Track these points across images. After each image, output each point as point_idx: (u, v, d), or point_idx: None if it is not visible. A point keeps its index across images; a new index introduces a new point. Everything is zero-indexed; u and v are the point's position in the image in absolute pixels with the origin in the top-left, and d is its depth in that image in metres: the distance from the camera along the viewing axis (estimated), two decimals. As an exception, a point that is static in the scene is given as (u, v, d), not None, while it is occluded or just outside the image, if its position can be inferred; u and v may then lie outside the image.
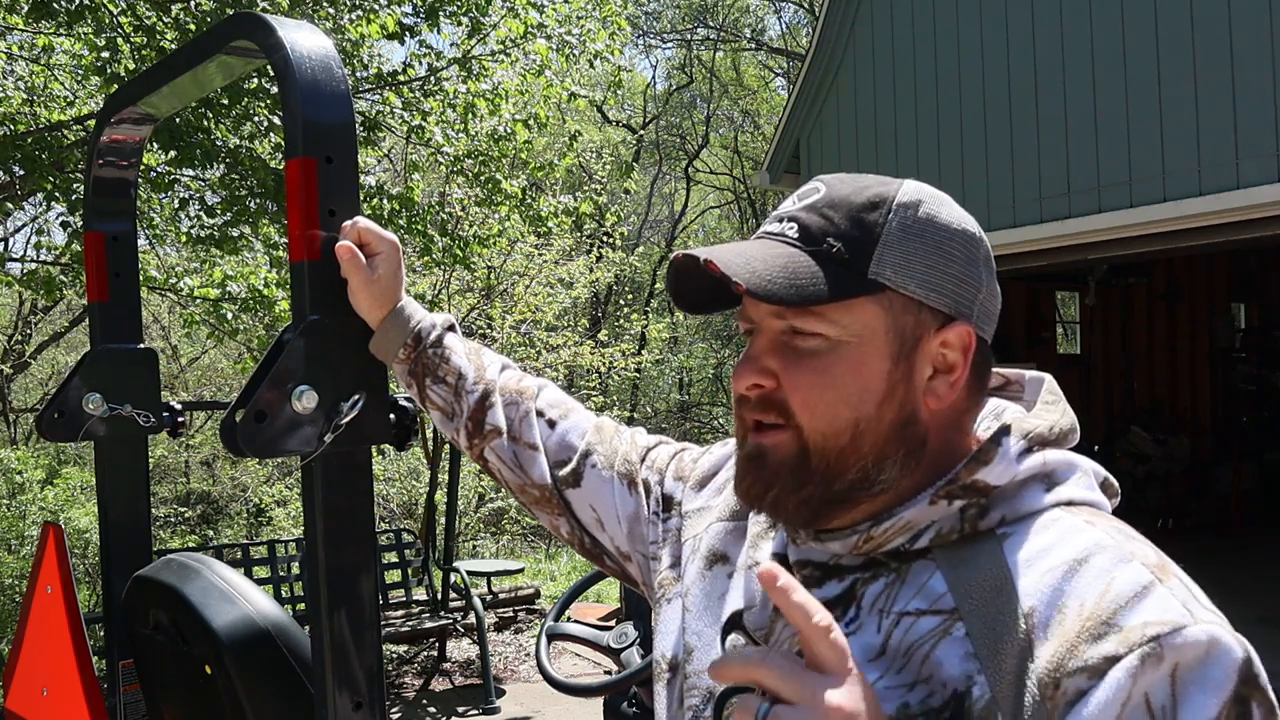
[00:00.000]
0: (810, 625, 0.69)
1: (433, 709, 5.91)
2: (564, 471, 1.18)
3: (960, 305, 0.86)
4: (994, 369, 0.97)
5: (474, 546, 11.04)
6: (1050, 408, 0.90)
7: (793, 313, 0.84)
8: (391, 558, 6.38)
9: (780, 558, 0.93)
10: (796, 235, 0.86)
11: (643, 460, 1.17)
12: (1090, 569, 0.75)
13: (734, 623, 0.94)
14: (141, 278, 1.97)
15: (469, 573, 6.67)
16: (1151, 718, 0.69)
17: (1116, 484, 0.89)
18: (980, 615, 0.78)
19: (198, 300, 5.91)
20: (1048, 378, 0.95)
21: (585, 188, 11.48)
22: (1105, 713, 0.70)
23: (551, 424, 1.21)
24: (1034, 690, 0.73)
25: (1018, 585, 0.77)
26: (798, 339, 0.84)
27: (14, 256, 8.13)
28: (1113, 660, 0.70)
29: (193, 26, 4.88)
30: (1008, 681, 0.74)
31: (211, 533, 12.12)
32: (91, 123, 4.96)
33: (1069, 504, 0.83)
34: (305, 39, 1.21)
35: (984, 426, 0.92)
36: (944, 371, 0.86)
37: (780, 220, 0.88)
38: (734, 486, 0.91)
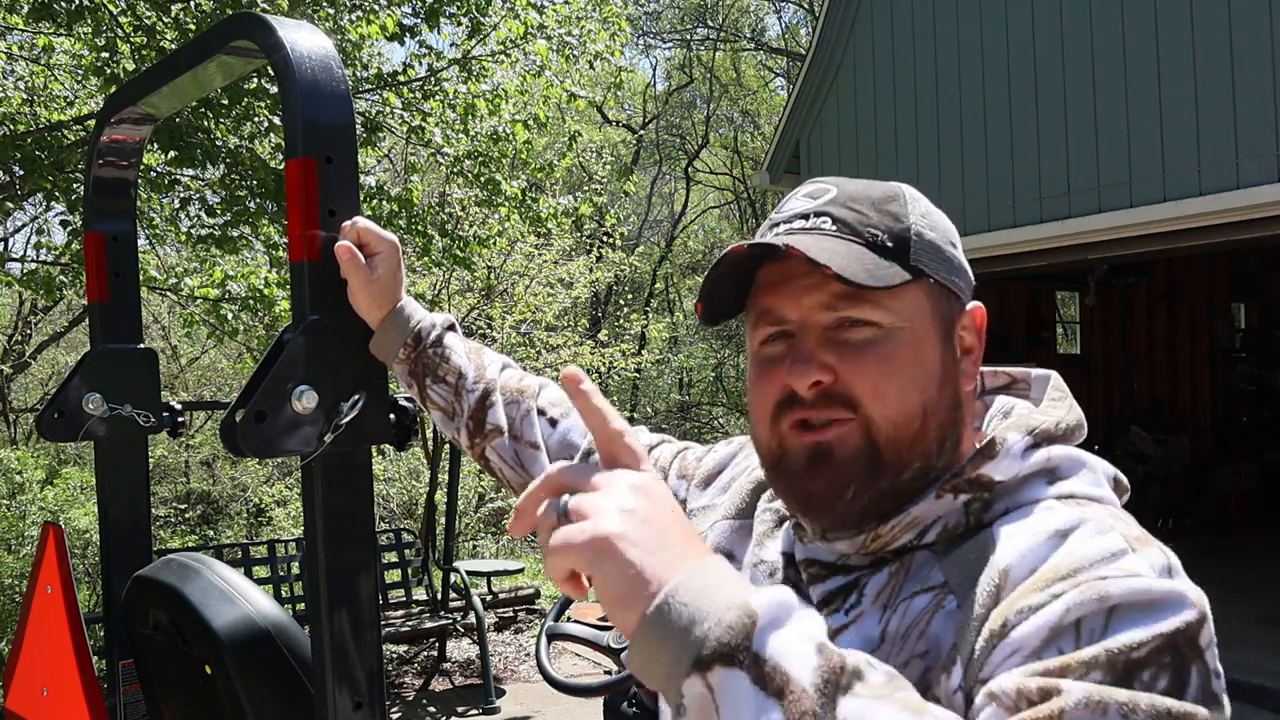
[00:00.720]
0: (607, 429, 0.72)
1: (433, 709, 5.91)
2: None
3: (966, 286, 0.91)
4: (1001, 368, 0.98)
5: (474, 546, 11.03)
6: (1057, 404, 0.91)
7: (845, 304, 0.83)
8: (391, 558, 6.38)
9: (787, 556, 0.93)
10: (835, 228, 0.86)
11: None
12: (1071, 539, 0.75)
13: None
14: (141, 278, 1.97)
15: (469, 573, 6.67)
16: (1076, 637, 0.67)
17: (1126, 481, 0.89)
18: (965, 583, 0.78)
19: (198, 300, 5.91)
20: (1054, 375, 0.95)
21: (585, 188, 11.48)
22: (1031, 637, 0.69)
23: (553, 422, 1.21)
24: (984, 633, 0.73)
25: (999, 551, 0.78)
26: (849, 331, 0.84)
27: (14, 256, 8.13)
28: (1056, 596, 0.70)
29: (193, 26, 4.88)
30: (972, 629, 0.74)
31: (211, 533, 12.12)
32: (91, 123, 4.96)
33: (1069, 497, 0.83)
34: (305, 39, 1.21)
35: (992, 424, 0.92)
36: (966, 352, 0.89)
37: (806, 216, 0.88)
38: (791, 500, 0.88)
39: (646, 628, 0.62)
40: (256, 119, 5.28)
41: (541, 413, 1.22)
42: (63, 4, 4.57)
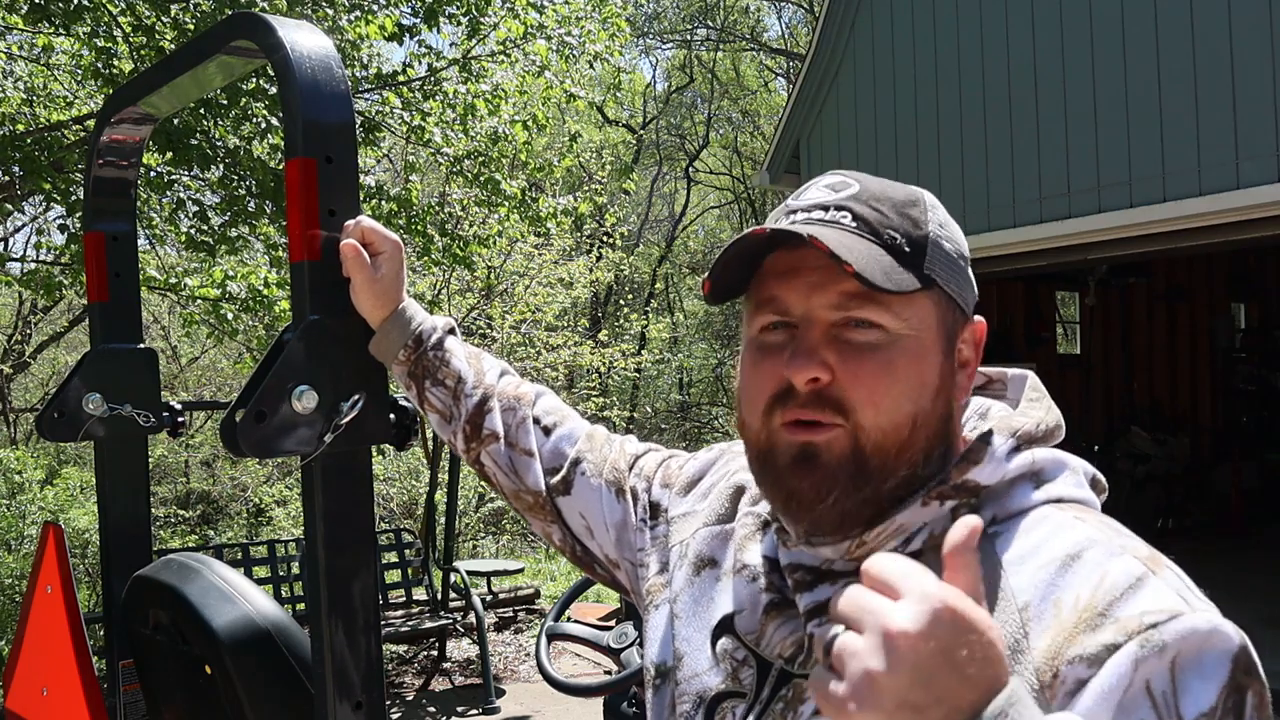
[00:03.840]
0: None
1: (433, 709, 5.91)
2: (555, 479, 1.18)
3: (969, 301, 0.90)
4: (979, 368, 0.98)
5: (474, 546, 11.03)
6: (1035, 405, 0.90)
7: (854, 304, 0.82)
8: (391, 558, 6.38)
9: (770, 561, 0.93)
10: (855, 225, 0.84)
11: (631, 468, 1.17)
12: (1083, 563, 0.75)
13: (725, 626, 0.94)
14: (141, 278, 1.97)
15: (469, 573, 6.68)
16: (1152, 703, 0.69)
17: (1104, 481, 0.89)
18: None
19: (198, 300, 5.91)
20: (1030, 374, 0.95)
21: (585, 188, 11.47)
22: (1107, 700, 0.69)
23: (547, 431, 1.21)
24: (1032, 680, 0.73)
25: (1010, 582, 0.77)
26: (854, 331, 0.82)
27: (14, 256, 8.13)
28: (1112, 649, 0.70)
29: (192, 26, 4.88)
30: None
31: (211, 533, 12.11)
32: (91, 123, 4.96)
33: (1058, 501, 0.83)
34: (305, 39, 1.21)
35: (970, 425, 0.92)
36: (963, 365, 0.88)
37: (826, 209, 0.86)
38: (774, 496, 0.87)
39: None
40: (255, 119, 5.27)
41: (537, 421, 1.22)
42: (60, 3, 4.57)
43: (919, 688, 0.59)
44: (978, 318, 0.90)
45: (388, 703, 3.78)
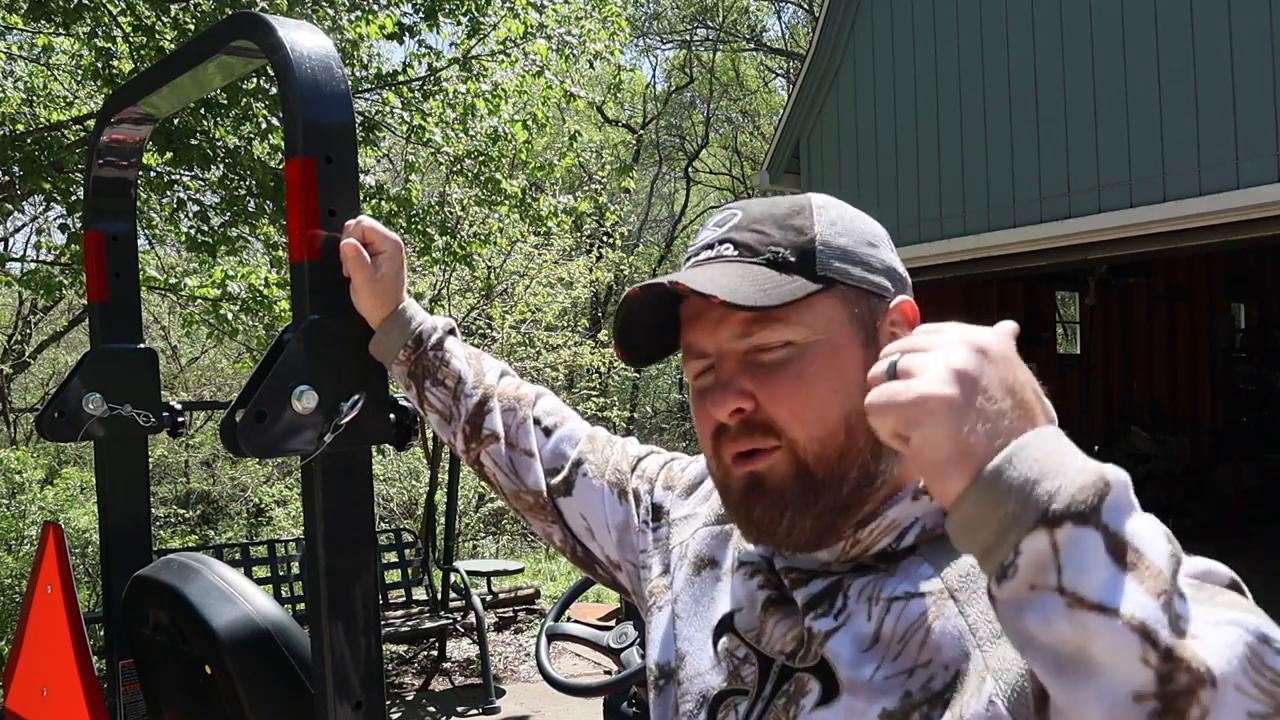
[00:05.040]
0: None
1: (433, 709, 5.91)
2: (556, 480, 1.18)
3: (892, 280, 0.90)
4: None
5: (474, 546, 11.03)
6: None
7: (756, 328, 0.84)
8: (391, 558, 6.38)
9: (767, 562, 0.93)
10: (736, 253, 0.87)
11: (633, 470, 1.17)
12: None
13: (725, 625, 0.94)
14: (141, 278, 1.97)
15: (469, 573, 6.68)
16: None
17: None
18: (969, 591, 0.78)
19: (198, 300, 5.91)
20: None
21: (585, 188, 11.48)
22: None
23: (547, 431, 1.22)
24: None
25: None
26: (763, 354, 0.84)
27: (14, 256, 8.13)
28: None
29: (192, 26, 4.88)
30: (1008, 660, 0.74)
31: (211, 533, 12.11)
32: (91, 123, 4.96)
33: None
34: (305, 39, 1.21)
35: None
36: None
37: (711, 246, 0.89)
38: (740, 527, 0.90)
39: (977, 488, 0.60)
40: (255, 119, 5.27)
41: (537, 421, 1.22)
42: (60, 3, 4.57)
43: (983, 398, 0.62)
44: (901, 296, 0.89)
45: (388, 703, 3.78)
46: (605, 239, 14.20)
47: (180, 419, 1.82)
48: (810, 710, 0.83)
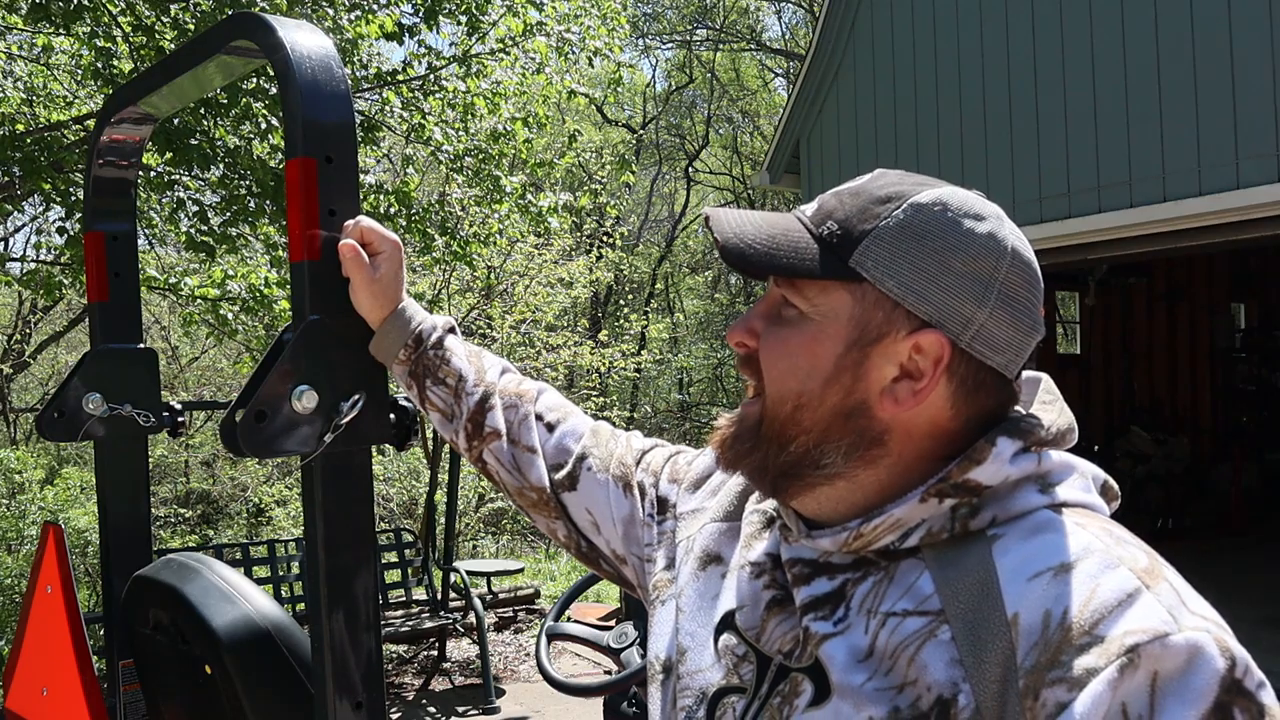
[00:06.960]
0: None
1: (432, 709, 5.91)
2: (560, 475, 1.18)
3: (945, 316, 0.82)
4: None
5: (474, 546, 11.04)
6: (1048, 408, 0.89)
7: (785, 283, 0.87)
8: (391, 558, 6.38)
9: (773, 558, 0.93)
10: (810, 214, 0.89)
11: (638, 463, 1.17)
12: (1076, 575, 0.74)
13: (727, 622, 0.94)
14: (141, 278, 1.97)
15: (469, 573, 6.68)
16: None
17: (1116, 487, 0.88)
18: (966, 619, 0.77)
19: (198, 300, 5.91)
20: (1045, 377, 0.93)
21: (585, 186, 11.48)
22: None
23: (550, 427, 1.21)
24: (1014, 700, 0.72)
25: (1003, 590, 0.76)
26: (784, 308, 0.88)
27: (14, 256, 8.13)
28: (1093, 672, 0.70)
29: (192, 26, 4.88)
30: (992, 691, 0.73)
31: (211, 533, 12.11)
32: (91, 123, 4.95)
33: (1062, 505, 0.82)
34: (305, 39, 1.21)
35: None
36: (910, 377, 0.83)
37: (814, 198, 0.92)
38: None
39: None
40: (255, 119, 5.27)
41: (539, 418, 1.22)
42: (60, 3, 4.56)
43: None
44: (936, 335, 0.81)
45: (388, 703, 3.78)
46: (605, 239, 14.20)
47: (180, 419, 1.82)
48: (803, 710, 0.83)
